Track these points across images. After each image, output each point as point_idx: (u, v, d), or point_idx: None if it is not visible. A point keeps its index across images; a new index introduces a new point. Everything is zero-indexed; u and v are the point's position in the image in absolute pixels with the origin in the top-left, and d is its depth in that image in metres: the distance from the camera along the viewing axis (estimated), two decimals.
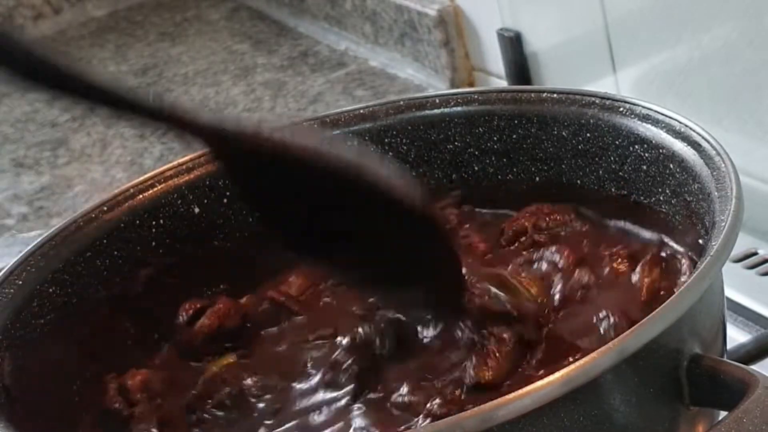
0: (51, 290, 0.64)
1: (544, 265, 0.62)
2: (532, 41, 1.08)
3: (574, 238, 0.65)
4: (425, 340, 0.60)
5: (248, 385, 0.61)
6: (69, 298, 0.65)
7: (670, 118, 0.62)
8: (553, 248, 0.63)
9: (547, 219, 0.66)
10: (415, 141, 0.72)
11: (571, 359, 0.55)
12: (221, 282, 0.70)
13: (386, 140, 0.72)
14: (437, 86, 1.24)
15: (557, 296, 0.60)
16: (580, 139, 0.67)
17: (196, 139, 0.56)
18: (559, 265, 0.62)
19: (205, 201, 0.71)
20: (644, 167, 0.64)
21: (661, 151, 0.62)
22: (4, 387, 0.58)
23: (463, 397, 0.55)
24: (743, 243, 0.85)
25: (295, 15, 1.52)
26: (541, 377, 0.47)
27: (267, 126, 0.56)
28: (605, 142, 0.66)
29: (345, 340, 0.61)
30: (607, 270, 0.62)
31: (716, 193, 0.56)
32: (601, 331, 0.56)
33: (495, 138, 0.70)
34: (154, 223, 0.69)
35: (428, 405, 0.55)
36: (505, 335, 0.56)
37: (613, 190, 0.66)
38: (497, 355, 0.56)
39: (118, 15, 1.68)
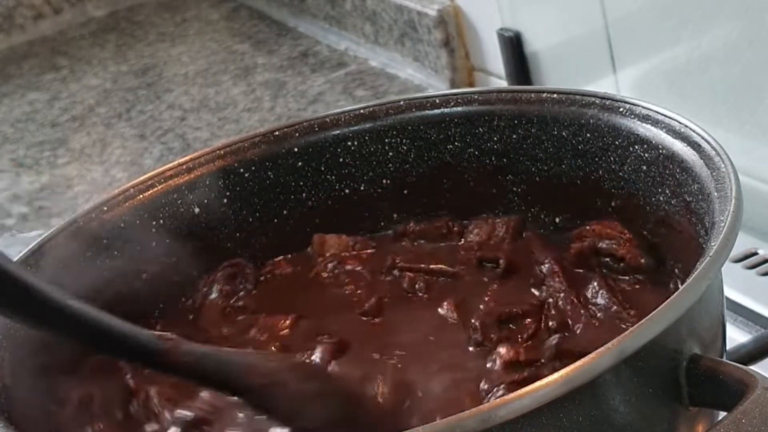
0: None
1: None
2: (532, 41, 1.08)
3: None
4: None
5: None
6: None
7: (670, 118, 0.62)
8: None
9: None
10: (415, 141, 0.72)
11: None
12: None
13: (386, 140, 0.72)
14: (437, 86, 1.24)
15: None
16: (580, 139, 0.67)
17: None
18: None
19: (205, 201, 0.71)
20: (644, 167, 0.64)
21: (661, 151, 0.62)
22: (4, 387, 0.58)
23: None
24: (743, 243, 0.85)
25: (295, 15, 1.52)
26: None
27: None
28: (605, 142, 0.66)
29: None
30: None
31: (716, 194, 0.56)
32: None
33: (495, 138, 0.70)
34: (154, 223, 0.69)
35: None
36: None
37: (613, 190, 0.66)
38: None
39: (118, 15, 1.68)
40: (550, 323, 0.61)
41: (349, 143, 0.72)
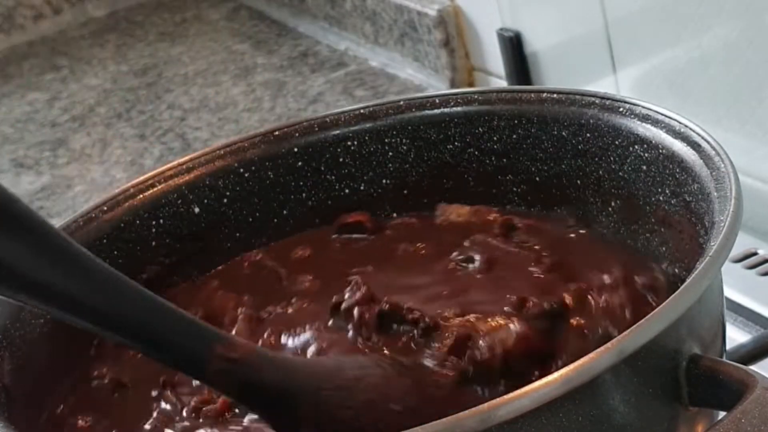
0: None
1: None
2: (532, 41, 1.08)
3: None
4: None
5: None
6: None
7: (670, 118, 0.62)
8: None
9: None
10: (415, 141, 0.72)
11: None
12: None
13: (386, 140, 0.72)
14: (437, 86, 1.24)
15: None
16: (580, 139, 0.67)
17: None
18: None
19: (205, 201, 0.71)
20: (644, 167, 0.64)
21: (660, 151, 0.62)
22: (4, 387, 0.58)
23: None
24: (743, 243, 0.85)
25: (295, 15, 1.52)
26: None
27: None
28: (605, 142, 0.66)
29: None
30: None
31: (715, 194, 0.56)
32: None
33: (495, 138, 0.70)
34: (154, 223, 0.69)
35: None
36: None
37: (613, 190, 0.66)
38: None
39: (118, 15, 1.68)
40: None
41: (349, 143, 0.72)
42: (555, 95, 0.68)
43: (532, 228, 0.67)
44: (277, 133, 0.72)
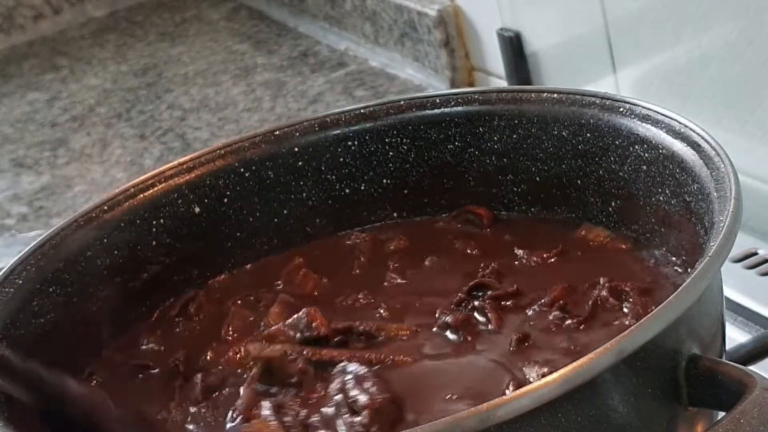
0: (51, 290, 0.64)
1: None
2: (532, 41, 1.08)
3: None
4: None
5: None
6: (69, 297, 0.65)
7: (670, 118, 0.62)
8: None
9: None
10: (415, 141, 0.72)
11: None
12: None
13: (386, 140, 0.72)
14: (437, 86, 1.24)
15: None
16: (580, 139, 0.67)
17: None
18: None
19: (205, 201, 0.71)
20: (644, 167, 0.64)
21: (660, 151, 0.62)
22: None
23: None
24: (743, 243, 0.85)
25: (295, 15, 1.52)
26: None
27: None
28: (605, 142, 0.66)
29: None
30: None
31: (715, 194, 0.56)
32: None
33: (495, 138, 0.70)
34: (154, 222, 0.70)
35: None
36: None
37: (613, 190, 0.66)
38: None
39: (118, 15, 1.68)
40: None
41: (350, 143, 0.72)
42: (555, 95, 0.68)
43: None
44: (277, 133, 0.72)
